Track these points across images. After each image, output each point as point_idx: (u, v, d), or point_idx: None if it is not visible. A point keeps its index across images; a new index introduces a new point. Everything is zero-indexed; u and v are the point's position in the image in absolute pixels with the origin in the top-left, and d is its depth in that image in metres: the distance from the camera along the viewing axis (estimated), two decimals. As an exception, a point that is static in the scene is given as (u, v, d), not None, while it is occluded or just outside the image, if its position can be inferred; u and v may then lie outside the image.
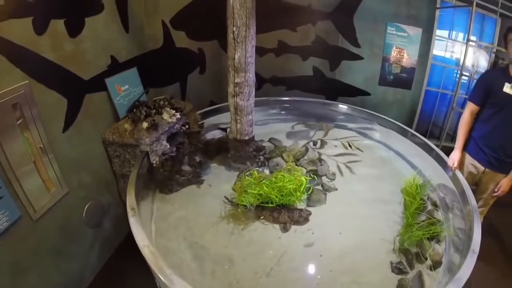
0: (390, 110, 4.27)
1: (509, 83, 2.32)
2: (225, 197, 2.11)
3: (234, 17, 2.06)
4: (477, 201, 2.56)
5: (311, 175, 2.34)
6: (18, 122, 1.67)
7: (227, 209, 2.07)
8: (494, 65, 4.75)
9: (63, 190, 2.00)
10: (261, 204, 2.01)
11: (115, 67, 2.41)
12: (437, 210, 2.30)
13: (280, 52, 4.18)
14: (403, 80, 4.25)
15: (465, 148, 2.66)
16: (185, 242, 1.87)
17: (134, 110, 2.29)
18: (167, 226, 1.97)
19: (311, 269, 1.86)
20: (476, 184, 2.66)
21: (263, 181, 2.04)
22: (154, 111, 2.26)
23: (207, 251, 1.81)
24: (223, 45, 4.12)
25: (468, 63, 4.46)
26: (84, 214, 2.23)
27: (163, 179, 2.18)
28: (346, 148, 2.93)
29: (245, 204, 1.98)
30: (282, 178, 2.03)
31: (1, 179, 1.58)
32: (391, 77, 3.94)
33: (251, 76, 2.19)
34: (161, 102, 2.36)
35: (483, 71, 4.69)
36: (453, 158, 2.50)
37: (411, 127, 4.11)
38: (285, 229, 1.95)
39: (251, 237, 1.91)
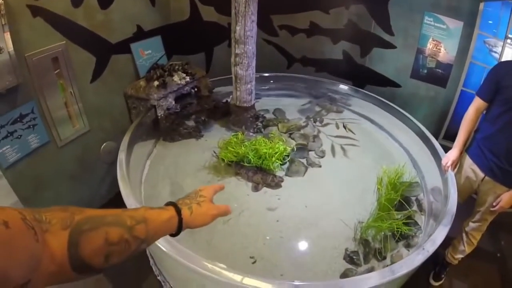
0: (421, 107, 4.18)
1: None
2: (214, 151, 2.50)
3: (236, -7, 2.35)
4: (474, 215, 2.47)
5: (295, 147, 2.52)
6: (56, 72, 2.24)
7: (212, 162, 2.43)
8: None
9: (85, 128, 2.56)
10: (241, 163, 2.25)
11: (140, 34, 2.89)
12: (422, 215, 2.25)
13: (312, 33, 4.25)
14: (438, 76, 4.09)
15: (466, 150, 2.46)
16: (169, 180, 2.31)
17: (151, 71, 2.76)
18: (159, 165, 2.43)
19: (264, 229, 2.05)
20: (475, 193, 2.46)
21: (245, 142, 2.23)
22: (167, 73, 2.70)
23: (182, 191, 2.19)
24: (258, 22, 4.30)
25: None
26: (101, 151, 2.76)
27: (167, 129, 2.63)
28: (337, 128, 2.99)
29: (223, 158, 2.33)
30: (260, 143, 2.30)
31: (38, 111, 2.16)
32: (425, 71, 3.83)
33: (250, 48, 2.54)
34: (176, 67, 2.81)
35: None
36: (449, 157, 2.29)
37: (441, 128, 3.98)
38: (255, 189, 2.21)
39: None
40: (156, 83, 2.58)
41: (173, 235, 0.90)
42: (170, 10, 3.31)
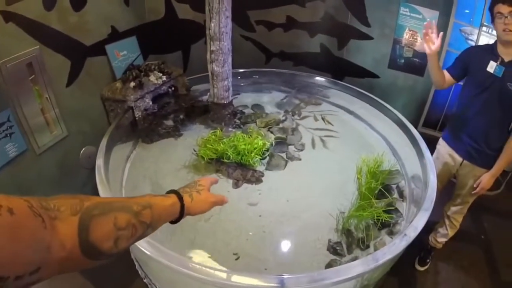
0: (400, 96, 4.22)
1: (495, 61, 2.07)
2: (193, 149, 2.49)
3: (209, -9, 2.34)
4: (455, 198, 2.52)
5: (274, 142, 2.50)
6: (31, 78, 2.19)
7: (192, 160, 2.42)
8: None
9: (63, 133, 2.50)
10: (221, 160, 2.23)
11: (115, 35, 2.85)
12: (403, 202, 2.28)
13: (288, 27, 4.25)
14: (415, 65, 4.13)
15: (442, 136, 2.51)
16: (149, 181, 2.30)
17: (127, 72, 2.73)
18: (139, 167, 2.43)
19: (246, 225, 2.05)
20: (455, 178, 2.50)
21: (224, 139, 2.21)
22: (143, 73, 2.69)
23: (163, 190, 2.05)
24: (235, 18, 4.28)
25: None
26: (80, 156, 2.71)
27: (145, 130, 2.62)
28: (316, 121, 2.99)
29: (203, 156, 2.33)
30: (238, 139, 2.26)
31: (14, 119, 2.11)
32: (402, 61, 3.87)
33: (225, 45, 2.53)
34: (152, 67, 2.79)
35: None
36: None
37: (420, 116, 4.02)
38: (236, 185, 2.21)
39: (203, 185, 2.18)
40: (132, 84, 2.55)
41: (173, 222, 0.95)
42: (144, 9, 3.27)
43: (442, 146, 2.49)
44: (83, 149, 2.70)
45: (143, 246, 1.52)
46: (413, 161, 2.41)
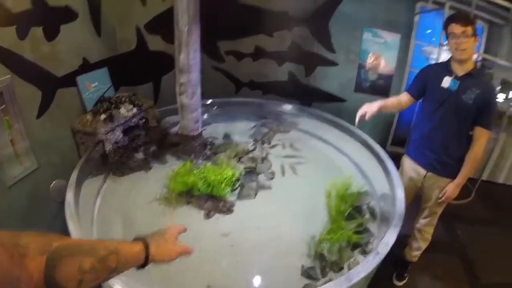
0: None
1: (450, 76, 2.25)
2: (164, 183, 2.47)
3: (178, 23, 2.41)
4: (423, 211, 2.62)
5: (243, 172, 2.50)
6: (1, 107, 2.16)
7: (163, 193, 2.39)
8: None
9: (33, 165, 2.45)
10: (191, 192, 2.25)
11: (86, 66, 2.84)
12: (374, 221, 2.28)
13: (257, 57, 4.35)
14: (380, 87, 4.27)
15: (405, 152, 2.66)
16: (121, 215, 2.25)
17: (98, 104, 2.73)
18: (110, 201, 2.37)
19: (219, 256, 2.02)
20: (421, 191, 2.61)
21: (194, 171, 2.22)
22: (114, 105, 2.67)
23: (134, 225, 2.16)
24: (204, 49, 4.35)
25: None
26: (50, 189, 2.66)
27: (116, 163, 2.59)
28: (284, 148, 3.01)
29: (174, 190, 2.31)
30: (208, 170, 2.32)
31: None
32: (368, 84, 3.99)
33: (194, 77, 2.56)
34: (123, 99, 2.77)
35: None
36: (365, 109, 2.40)
37: (388, 135, 4.12)
38: (208, 216, 2.23)
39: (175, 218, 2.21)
40: (103, 116, 2.54)
41: (141, 266, 0.97)
42: (116, 40, 3.29)
43: (406, 161, 2.63)
44: (54, 182, 2.66)
45: (112, 280, 1.49)
46: (381, 180, 2.47)
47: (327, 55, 4.28)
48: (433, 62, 3.78)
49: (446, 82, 2.25)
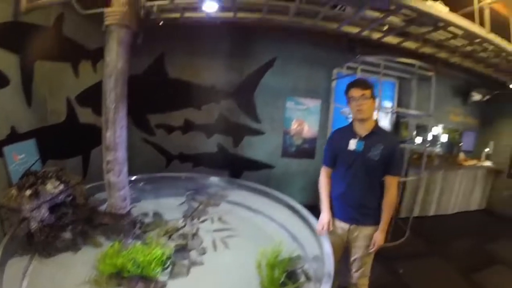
0: (296, 180, 4.52)
1: (354, 139, 2.46)
2: (93, 264, 2.30)
3: (106, 100, 2.43)
4: (353, 265, 2.68)
5: (173, 249, 2.42)
6: None
7: (93, 275, 2.22)
8: (396, 125, 5.14)
9: None
10: (122, 274, 2.15)
11: (14, 137, 2.76)
12: (310, 283, 2.27)
13: (186, 130, 4.46)
14: (306, 150, 4.53)
15: (333, 215, 2.71)
16: None
17: (24, 178, 2.56)
18: (37, 282, 2.16)
19: None
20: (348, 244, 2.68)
21: (123, 252, 2.17)
22: (40, 180, 2.53)
23: None
24: (136, 122, 4.38)
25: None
26: None
27: (42, 243, 2.41)
28: (214, 222, 2.99)
29: (103, 272, 2.17)
30: (137, 251, 2.26)
31: None
32: (293, 148, 4.20)
33: (120, 155, 2.55)
34: (50, 174, 2.64)
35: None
36: (322, 223, 2.52)
37: (318, 195, 4.28)
38: None
39: (106, 302, 2.10)
40: (28, 192, 2.41)
41: None
42: (46, 111, 3.22)
43: (336, 221, 2.68)
44: None
45: None
46: (311, 241, 2.52)
47: (253, 125, 4.50)
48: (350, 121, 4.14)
49: (352, 144, 2.47)
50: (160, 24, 3.11)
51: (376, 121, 2.54)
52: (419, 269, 3.92)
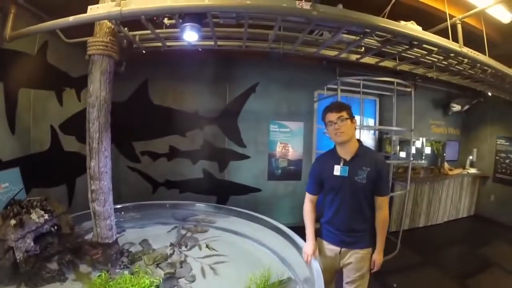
0: (284, 202, 4.54)
1: (338, 164, 2.43)
2: None
3: (89, 130, 2.44)
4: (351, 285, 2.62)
5: (161, 279, 2.38)
6: None
7: None
8: (379, 141, 5.19)
9: None
10: None
11: None
12: None
13: (172, 157, 4.45)
14: (292, 172, 4.56)
15: (319, 235, 2.69)
16: None
17: (8, 207, 2.54)
18: None
19: None
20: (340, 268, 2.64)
21: (110, 282, 2.15)
22: (24, 210, 2.53)
23: None
24: (121, 149, 4.37)
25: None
26: None
27: (28, 274, 2.37)
28: (202, 249, 2.96)
29: None
30: (125, 281, 2.22)
31: None
32: (279, 171, 4.23)
33: (105, 184, 2.54)
34: (34, 203, 2.63)
35: (372, 149, 5.14)
36: (306, 252, 2.45)
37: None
38: None
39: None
40: (13, 222, 2.39)
41: None
42: (30, 139, 3.21)
43: (320, 242, 2.66)
44: None
45: None
46: (300, 263, 2.49)
47: (238, 150, 4.54)
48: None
49: (337, 170, 2.43)
50: (144, 52, 3.14)
51: (360, 142, 2.52)
52: (414, 281, 3.95)
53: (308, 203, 2.64)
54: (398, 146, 5.61)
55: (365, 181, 2.36)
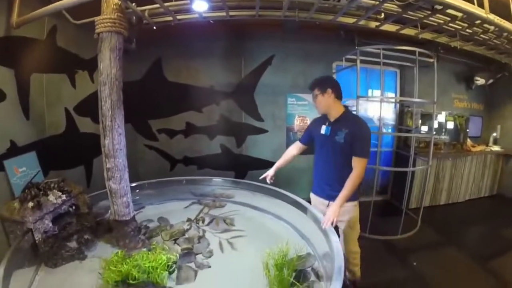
0: (303, 176, 4.44)
1: (325, 124, 2.83)
2: (99, 272, 2.23)
3: (102, 108, 2.38)
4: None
5: (178, 254, 2.34)
6: None
7: (99, 283, 2.15)
8: (401, 114, 5.03)
9: None
10: (127, 281, 2.10)
11: (14, 150, 2.76)
12: (319, 282, 2.17)
13: (189, 133, 4.40)
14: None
15: (312, 190, 3.10)
16: None
17: (26, 190, 2.55)
18: None
19: None
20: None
21: (127, 259, 2.18)
22: (42, 192, 2.52)
23: None
24: (138, 128, 4.33)
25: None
26: None
27: (47, 253, 2.39)
28: (220, 224, 2.90)
29: (109, 279, 2.09)
30: (142, 257, 2.18)
31: None
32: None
33: (120, 161, 2.49)
34: (52, 185, 2.63)
35: (393, 123, 4.97)
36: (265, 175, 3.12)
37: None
38: None
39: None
40: (30, 204, 2.39)
41: None
42: (45, 123, 3.22)
43: (313, 198, 3.07)
44: None
45: None
46: (320, 238, 2.43)
47: (256, 124, 4.44)
48: (354, 112, 4.10)
49: (323, 129, 2.84)
50: (154, 28, 3.04)
51: (345, 108, 2.82)
52: (434, 259, 3.82)
53: (293, 146, 3.21)
54: (420, 120, 5.41)
55: (342, 141, 2.68)
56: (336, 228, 2.70)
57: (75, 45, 3.59)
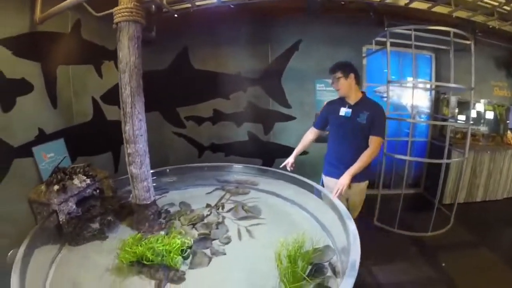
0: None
1: (344, 107, 3.01)
2: (116, 252, 2.32)
3: (122, 95, 2.42)
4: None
5: (193, 240, 2.35)
6: None
7: (115, 263, 2.26)
8: (436, 102, 4.78)
9: None
10: (143, 262, 2.16)
11: (42, 137, 2.90)
12: (336, 278, 2.05)
13: (216, 120, 4.41)
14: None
15: (324, 173, 3.25)
16: (72, 283, 2.10)
17: (53, 174, 2.69)
18: (65, 270, 2.25)
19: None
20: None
21: (142, 241, 2.25)
22: (67, 176, 2.66)
23: None
24: (166, 116, 4.37)
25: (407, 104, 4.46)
26: (7, 260, 2.44)
27: (71, 234, 2.52)
28: (241, 211, 2.86)
29: (124, 259, 2.18)
30: (157, 240, 2.24)
31: None
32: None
33: (141, 147, 2.52)
34: (77, 169, 2.76)
35: (428, 111, 4.73)
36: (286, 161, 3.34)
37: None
38: (159, 286, 2.03)
39: (125, 288, 2.14)
40: (56, 187, 2.51)
41: None
42: (72, 112, 3.35)
43: (326, 180, 3.20)
44: (10, 252, 2.52)
45: None
46: (341, 231, 2.29)
47: (284, 111, 4.37)
48: (385, 99, 4.07)
49: (342, 111, 3.01)
50: (176, 16, 3.03)
51: (364, 93, 3.05)
52: (465, 261, 3.58)
53: (309, 132, 3.38)
54: (457, 109, 5.09)
55: (364, 122, 2.89)
56: None
57: (99, 37, 3.71)
